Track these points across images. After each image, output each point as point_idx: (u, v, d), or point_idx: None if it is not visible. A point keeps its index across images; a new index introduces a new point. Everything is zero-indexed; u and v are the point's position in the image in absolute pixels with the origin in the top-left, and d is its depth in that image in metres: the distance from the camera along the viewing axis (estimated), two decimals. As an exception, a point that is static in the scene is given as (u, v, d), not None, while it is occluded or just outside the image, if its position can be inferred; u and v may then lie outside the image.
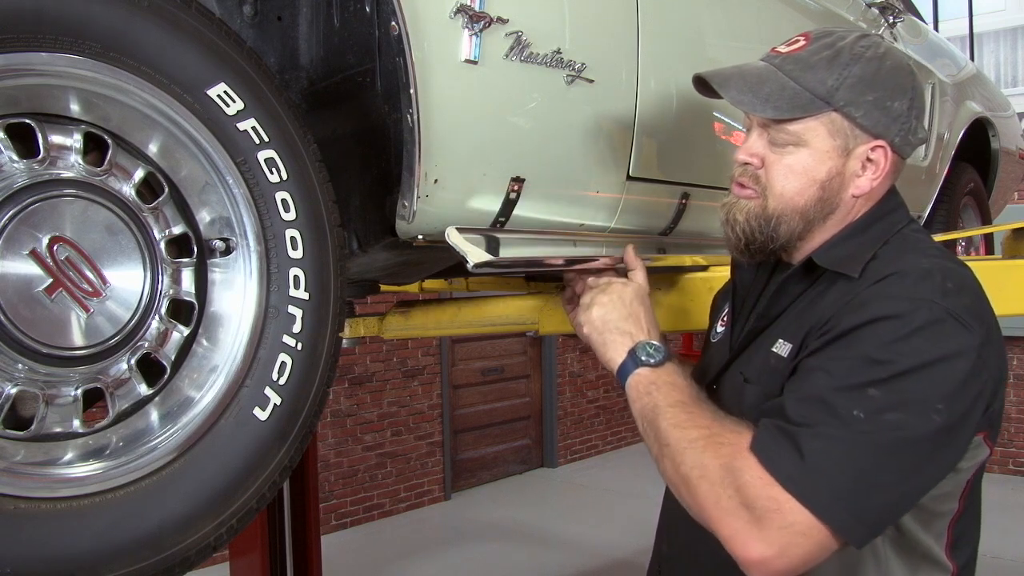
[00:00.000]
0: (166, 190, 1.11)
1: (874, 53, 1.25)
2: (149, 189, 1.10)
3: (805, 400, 1.13)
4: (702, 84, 1.35)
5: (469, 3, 1.28)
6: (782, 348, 1.25)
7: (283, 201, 1.15)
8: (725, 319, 1.47)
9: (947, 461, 1.14)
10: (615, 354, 1.34)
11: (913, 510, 1.20)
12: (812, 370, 1.15)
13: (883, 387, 1.09)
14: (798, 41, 1.29)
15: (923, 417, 1.09)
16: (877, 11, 2.71)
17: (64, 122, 1.04)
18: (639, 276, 1.59)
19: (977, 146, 3.51)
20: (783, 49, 1.29)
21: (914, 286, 1.16)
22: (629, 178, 1.66)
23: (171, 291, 1.11)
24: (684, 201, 1.83)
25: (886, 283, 1.18)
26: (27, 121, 1.00)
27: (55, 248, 1.01)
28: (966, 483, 1.22)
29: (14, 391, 0.98)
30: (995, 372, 1.16)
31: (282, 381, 1.14)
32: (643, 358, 1.30)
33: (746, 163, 1.30)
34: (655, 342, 1.33)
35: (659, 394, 1.24)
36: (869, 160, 1.26)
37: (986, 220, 3.66)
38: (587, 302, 1.41)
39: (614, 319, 1.37)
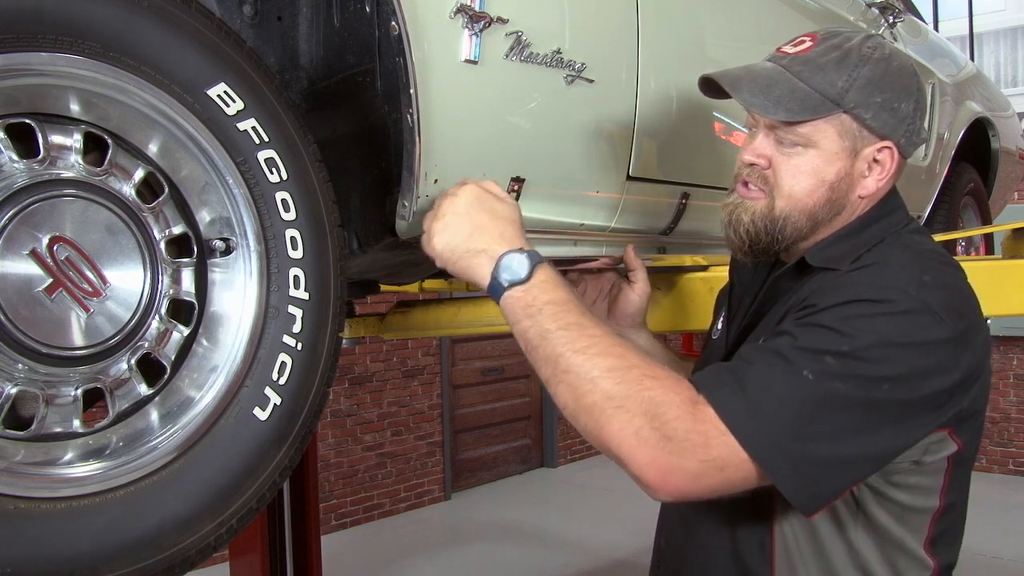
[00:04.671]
0: (166, 190, 1.11)
1: (881, 54, 1.26)
2: (149, 189, 1.10)
3: (761, 349, 1.16)
4: (707, 85, 1.34)
5: (469, 3, 1.28)
6: (762, 339, 1.26)
7: (283, 201, 1.15)
8: (724, 317, 1.48)
9: (890, 440, 1.14)
10: (480, 278, 1.20)
11: (884, 502, 1.22)
12: (779, 333, 1.18)
13: (839, 358, 1.11)
14: (804, 41, 1.28)
15: (869, 392, 1.11)
16: (877, 11, 2.71)
17: (64, 122, 1.04)
18: (639, 276, 1.60)
19: (977, 146, 3.51)
20: (790, 49, 1.29)
21: (891, 275, 1.18)
22: (629, 178, 1.66)
23: (171, 291, 1.11)
24: (684, 201, 1.83)
25: (864, 271, 1.21)
26: (27, 121, 1.00)
27: (55, 248, 1.00)
28: (944, 478, 1.23)
29: (14, 391, 0.98)
30: (967, 371, 1.16)
31: (282, 381, 1.14)
32: (507, 277, 1.17)
33: (753, 164, 1.29)
34: (514, 251, 1.18)
35: (542, 317, 1.15)
36: (875, 161, 1.27)
37: (986, 220, 3.66)
38: (426, 235, 1.25)
39: (460, 242, 1.21)
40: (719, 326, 1.49)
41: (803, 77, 1.24)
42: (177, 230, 1.12)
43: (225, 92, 1.10)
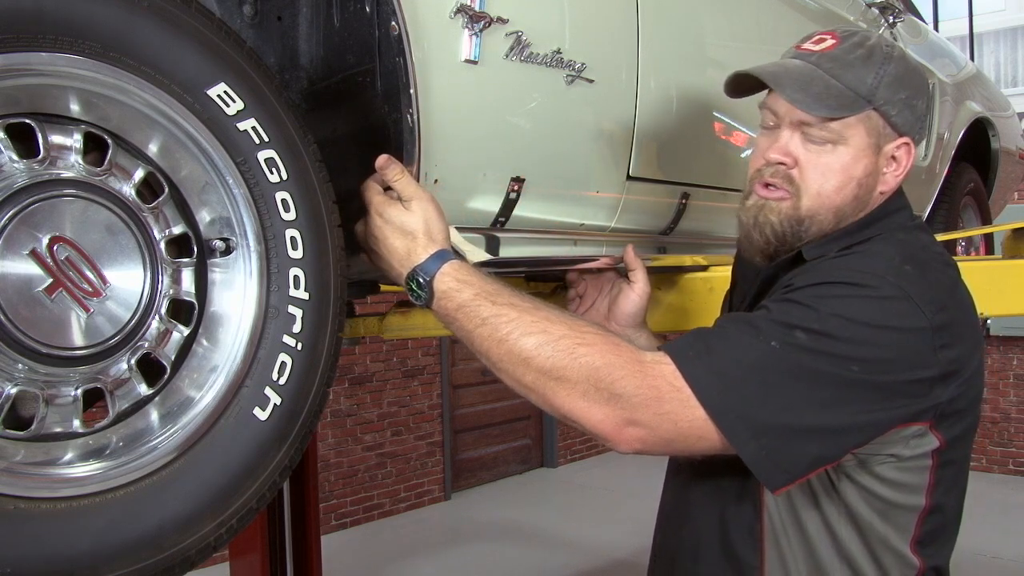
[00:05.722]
0: (166, 190, 1.11)
1: (899, 52, 1.29)
2: (149, 189, 1.10)
3: (733, 319, 1.18)
4: (732, 86, 1.35)
5: (469, 3, 1.28)
6: None
7: (283, 201, 1.15)
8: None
9: (855, 418, 1.15)
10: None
11: (867, 496, 1.22)
12: (757, 308, 1.21)
13: (809, 334, 1.12)
14: (825, 39, 1.30)
15: (836, 369, 1.12)
16: (877, 11, 2.71)
17: (64, 122, 1.04)
18: (639, 276, 1.60)
19: (977, 146, 3.51)
20: (813, 47, 1.29)
21: (872, 262, 1.20)
22: (629, 178, 1.66)
23: (171, 291, 1.11)
24: (684, 201, 1.83)
25: (847, 257, 1.23)
26: (27, 121, 1.00)
27: (55, 248, 1.00)
28: (929, 476, 1.23)
29: (14, 391, 0.98)
30: (947, 365, 1.17)
31: (282, 381, 1.14)
32: (417, 302, 1.23)
33: (780, 163, 1.29)
34: (416, 270, 1.22)
35: (460, 323, 1.20)
36: (893, 158, 1.29)
37: (986, 220, 3.66)
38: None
39: (385, 267, 1.27)
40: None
41: (834, 74, 1.25)
42: (177, 230, 1.12)
43: (225, 92, 1.10)
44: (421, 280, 1.21)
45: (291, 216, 1.16)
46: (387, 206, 1.24)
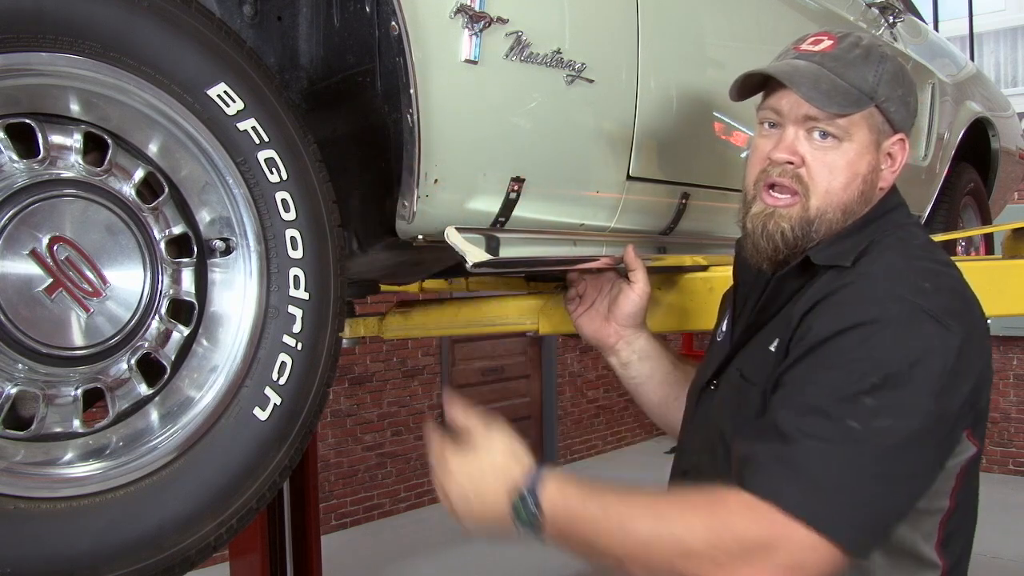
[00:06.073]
0: (166, 190, 1.11)
1: (892, 52, 1.32)
2: (149, 189, 1.10)
3: (797, 415, 1.13)
4: (739, 88, 1.34)
5: (469, 3, 1.28)
6: (774, 344, 1.25)
7: (283, 201, 1.15)
8: (728, 318, 1.47)
9: (938, 460, 1.16)
10: (513, 536, 1.21)
11: None
12: (802, 384, 1.15)
13: (873, 393, 1.10)
14: (822, 40, 1.30)
15: (911, 419, 1.10)
16: (877, 11, 2.71)
17: (64, 122, 1.04)
18: (639, 276, 1.59)
19: (977, 146, 3.51)
20: (813, 48, 1.30)
21: (889, 286, 1.18)
22: (629, 178, 1.66)
23: (171, 291, 1.11)
24: (684, 201, 1.83)
25: (860, 286, 1.20)
26: (27, 121, 1.00)
27: (55, 248, 1.00)
28: (955, 480, 1.23)
29: (14, 391, 0.98)
30: (977, 371, 1.17)
31: (282, 381, 1.14)
32: (530, 531, 1.18)
33: (788, 162, 1.27)
34: (520, 499, 1.17)
35: (575, 535, 1.17)
36: (889, 154, 1.30)
37: (986, 220, 3.66)
38: (439, 490, 1.25)
39: (473, 515, 1.21)
40: (723, 328, 1.49)
41: (838, 73, 1.26)
42: (177, 230, 1.12)
43: (225, 92, 1.10)
44: (531, 505, 1.17)
45: (291, 216, 1.16)
46: (471, 455, 1.21)
